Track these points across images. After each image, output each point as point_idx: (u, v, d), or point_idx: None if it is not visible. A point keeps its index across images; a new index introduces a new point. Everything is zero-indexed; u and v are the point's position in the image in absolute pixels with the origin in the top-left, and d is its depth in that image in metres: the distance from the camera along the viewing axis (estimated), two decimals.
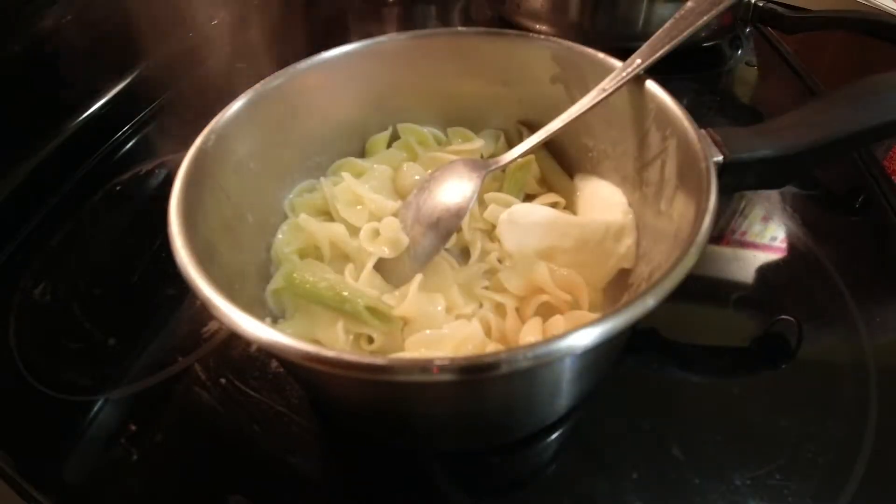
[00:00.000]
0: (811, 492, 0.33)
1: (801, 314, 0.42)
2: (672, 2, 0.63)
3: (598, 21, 0.68)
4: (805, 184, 0.53)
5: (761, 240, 0.48)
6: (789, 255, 0.47)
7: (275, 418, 0.37)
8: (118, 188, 0.56)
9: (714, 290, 0.45)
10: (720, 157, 0.32)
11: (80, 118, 0.60)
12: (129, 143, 0.62)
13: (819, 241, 0.48)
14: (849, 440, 0.35)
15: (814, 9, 0.61)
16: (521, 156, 0.41)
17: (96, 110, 0.62)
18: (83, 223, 0.53)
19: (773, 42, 0.73)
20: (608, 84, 0.38)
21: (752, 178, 0.35)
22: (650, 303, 0.25)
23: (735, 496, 0.33)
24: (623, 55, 0.39)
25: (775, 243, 0.48)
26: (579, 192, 0.44)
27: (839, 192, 0.53)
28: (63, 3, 0.58)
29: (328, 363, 0.24)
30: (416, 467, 0.36)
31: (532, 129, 0.42)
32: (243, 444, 0.37)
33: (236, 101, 0.38)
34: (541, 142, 0.40)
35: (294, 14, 0.80)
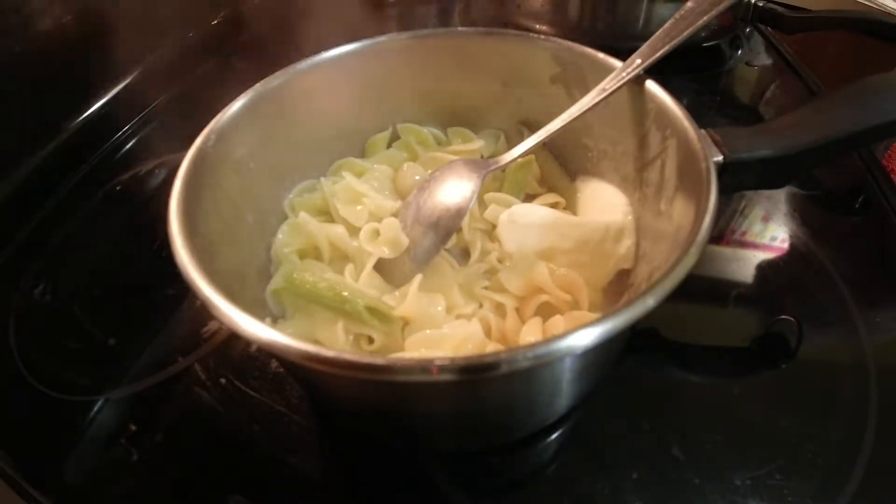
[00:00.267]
0: (811, 492, 0.33)
1: (801, 314, 0.42)
2: (672, 2, 0.63)
3: (598, 21, 0.68)
4: (805, 184, 0.53)
5: (761, 240, 0.48)
6: (789, 255, 0.47)
7: (275, 418, 0.37)
8: (118, 188, 0.56)
9: (714, 290, 0.45)
10: (720, 157, 0.32)
11: (80, 118, 0.60)
12: (129, 143, 0.62)
13: (819, 241, 0.48)
14: (849, 440, 0.35)
15: (814, 9, 0.61)
16: (521, 156, 0.41)
17: (96, 110, 0.62)
18: (83, 223, 0.53)
19: (774, 42, 0.73)
20: (608, 84, 0.38)
21: (752, 178, 0.35)
22: (650, 303, 0.25)
23: (735, 496, 0.33)
24: (623, 55, 0.39)
25: (775, 243, 0.48)
26: (580, 193, 0.44)
27: (839, 192, 0.53)
28: (63, 2, 0.58)
29: (328, 363, 0.24)
30: (416, 467, 0.36)
31: (532, 129, 0.42)
32: (243, 444, 0.37)
33: (236, 101, 0.38)
34: (541, 142, 0.40)
35: (294, 14, 0.80)
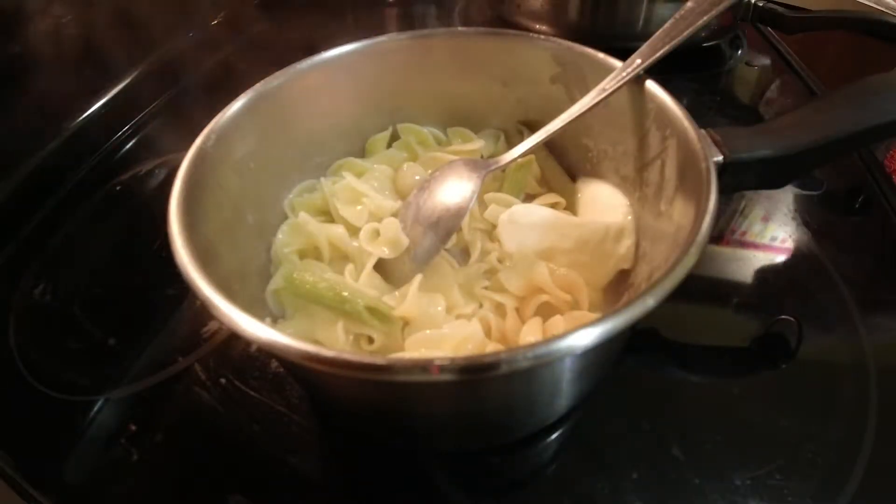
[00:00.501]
0: (811, 492, 0.33)
1: (801, 314, 0.42)
2: (672, 2, 0.63)
3: (598, 21, 0.68)
4: (805, 184, 0.53)
5: (761, 240, 0.48)
6: (789, 255, 0.47)
7: (275, 418, 0.37)
8: (118, 188, 0.56)
9: (714, 290, 0.45)
10: (720, 157, 0.32)
11: (80, 118, 0.60)
12: (129, 143, 0.62)
13: (819, 241, 0.48)
14: (849, 440, 0.35)
15: (814, 9, 0.61)
16: (521, 156, 0.41)
17: (96, 110, 0.62)
18: (83, 223, 0.53)
19: (774, 42, 0.73)
20: (608, 84, 0.38)
21: (752, 178, 0.35)
22: (650, 303, 0.25)
23: (735, 496, 0.33)
24: (623, 55, 0.39)
25: (775, 243, 0.48)
26: (580, 194, 0.44)
27: (839, 192, 0.53)
28: (63, 2, 0.58)
29: (328, 363, 0.24)
30: (416, 467, 0.36)
31: (532, 129, 0.42)
32: (243, 444, 0.37)
33: (236, 101, 0.38)
34: (541, 142, 0.40)
35: (294, 14, 0.80)
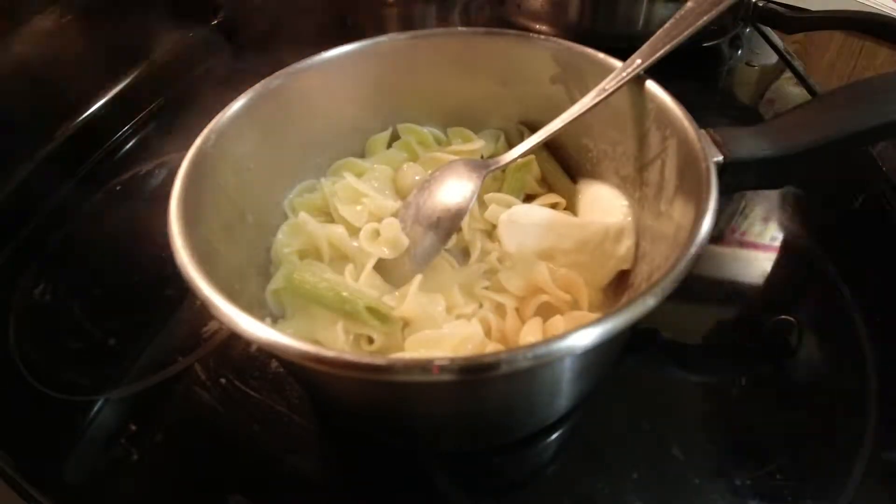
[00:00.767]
0: (811, 492, 0.33)
1: (801, 314, 0.42)
2: (672, 2, 0.63)
3: (598, 21, 0.68)
4: (805, 184, 0.53)
5: (761, 240, 0.48)
6: (789, 255, 0.47)
7: (275, 418, 0.37)
8: (118, 188, 0.56)
9: (714, 290, 0.45)
10: (720, 157, 0.32)
11: (80, 118, 0.60)
12: (129, 143, 0.62)
13: (819, 241, 0.48)
14: (849, 440, 0.35)
15: (814, 9, 0.61)
16: (522, 156, 0.41)
17: (96, 110, 0.62)
18: (83, 223, 0.53)
19: (774, 42, 0.73)
20: (608, 84, 0.38)
21: (752, 178, 0.35)
22: (650, 303, 0.25)
23: (735, 496, 0.33)
24: (623, 55, 0.39)
25: (775, 243, 0.48)
26: (580, 194, 0.44)
27: (839, 192, 0.53)
28: (63, 2, 0.58)
29: (328, 363, 0.24)
30: (416, 467, 0.36)
31: (532, 129, 0.42)
32: (243, 444, 0.37)
33: (236, 101, 0.38)
34: (541, 142, 0.40)
35: (294, 13, 0.80)
